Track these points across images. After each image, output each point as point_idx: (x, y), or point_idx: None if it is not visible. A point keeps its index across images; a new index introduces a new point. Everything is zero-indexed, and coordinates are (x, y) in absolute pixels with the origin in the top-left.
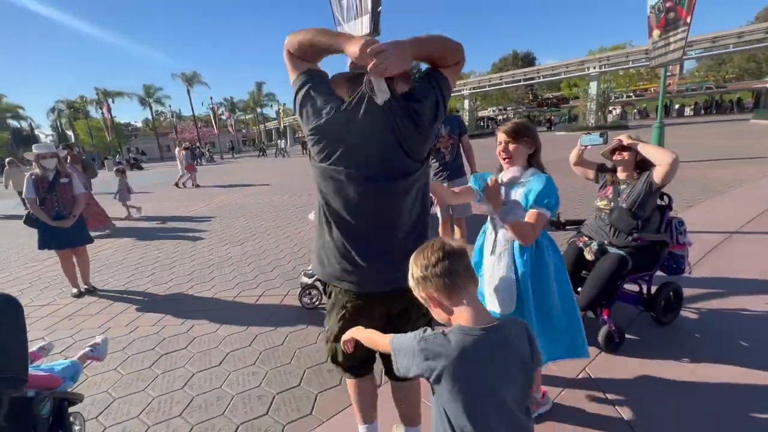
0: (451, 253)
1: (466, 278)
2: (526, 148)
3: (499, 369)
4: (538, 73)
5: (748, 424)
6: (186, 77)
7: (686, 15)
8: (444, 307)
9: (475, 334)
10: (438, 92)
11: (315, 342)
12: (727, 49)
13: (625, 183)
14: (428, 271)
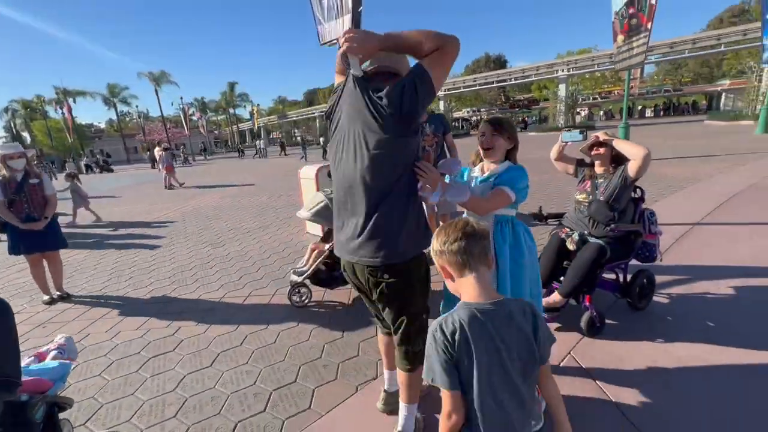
0: (471, 234)
1: (479, 259)
2: (506, 143)
3: (504, 342)
4: (509, 75)
5: (717, 393)
6: (153, 76)
7: (647, 21)
8: (454, 281)
9: (481, 308)
10: (408, 78)
11: (308, 339)
12: (683, 55)
13: (602, 177)
14: (445, 247)
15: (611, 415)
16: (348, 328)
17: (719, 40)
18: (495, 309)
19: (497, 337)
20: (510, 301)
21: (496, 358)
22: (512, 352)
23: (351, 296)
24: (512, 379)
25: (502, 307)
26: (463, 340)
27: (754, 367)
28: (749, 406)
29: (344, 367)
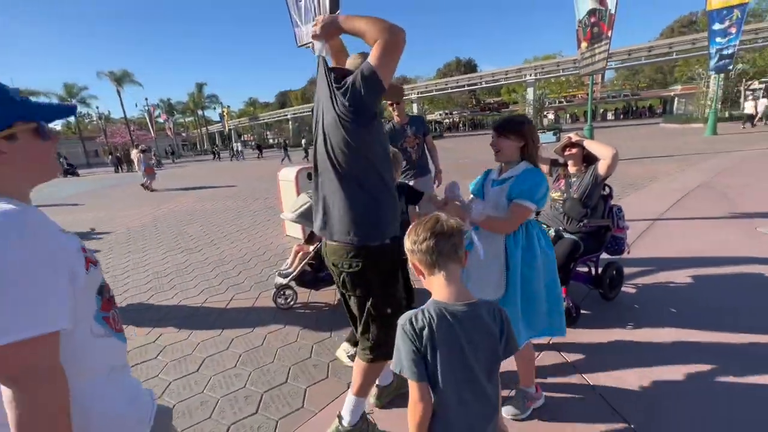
0: (440, 233)
1: (449, 257)
2: (515, 143)
3: (469, 342)
4: (480, 79)
5: (680, 370)
6: (115, 76)
7: (607, 29)
8: (425, 278)
9: (450, 308)
10: (355, 75)
11: (296, 340)
12: (640, 62)
13: (575, 176)
14: (415, 246)
15: (590, 398)
16: (336, 328)
17: (671, 48)
18: (464, 310)
19: (463, 337)
20: (481, 303)
21: (460, 357)
22: (478, 352)
23: (336, 296)
24: (476, 378)
25: (472, 309)
26: (430, 337)
27: (712, 345)
28: (708, 379)
29: (334, 365)
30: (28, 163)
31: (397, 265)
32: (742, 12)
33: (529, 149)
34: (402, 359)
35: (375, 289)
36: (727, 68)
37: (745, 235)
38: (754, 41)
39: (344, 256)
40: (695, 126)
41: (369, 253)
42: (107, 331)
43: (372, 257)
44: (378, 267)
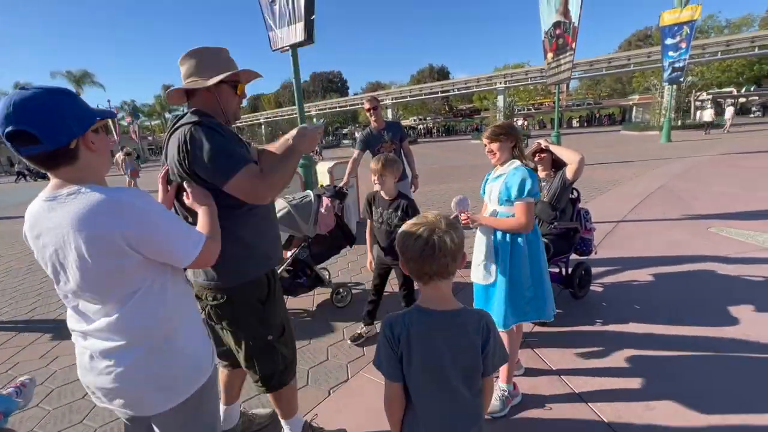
0: (429, 256)
1: (438, 276)
2: (507, 144)
3: (448, 348)
4: (453, 86)
5: (644, 362)
6: (73, 76)
7: (572, 41)
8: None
9: (432, 315)
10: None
11: None
12: (601, 72)
13: (545, 180)
14: (405, 255)
15: (563, 392)
16: (315, 334)
17: (629, 60)
18: (446, 318)
19: (443, 344)
20: (467, 312)
21: (436, 363)
22: (456, 359)
23: (315, 303)
24: (451, 384)
25: (455, 317)
26: (407, 342)
27: (674, 336)
28: (672, 367)
29: (314, 372)
30: (104, 153)
31: (273, 288)
32: (691, 28)
33: (519, 146)
34: (381, 358)
35: (248, 319)
36: (679, 80)
37: (698, 235)
38: (701, 56)
39: (207, 288)
40: (652, 133)
41: (233, 289)
42: (185, 278)
43: (238, 292)
44: (247, 299)
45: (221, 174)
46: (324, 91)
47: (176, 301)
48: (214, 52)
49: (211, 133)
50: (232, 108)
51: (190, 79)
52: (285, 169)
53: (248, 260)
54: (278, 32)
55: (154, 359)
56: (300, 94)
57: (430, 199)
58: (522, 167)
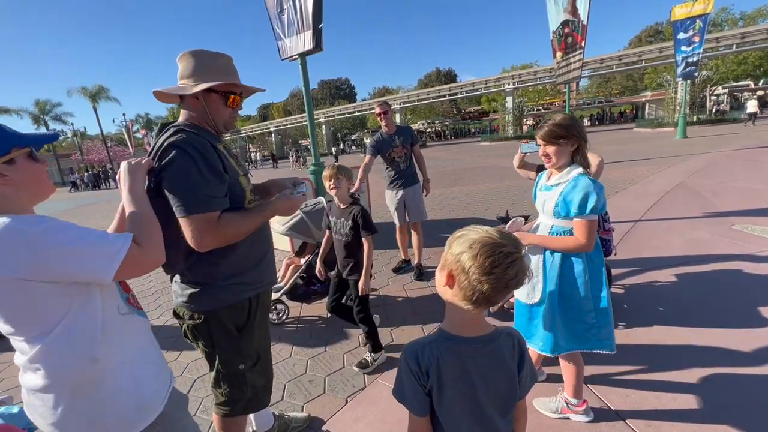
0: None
1: (492, 304)
2: (566, 147)
3: (484, 378)
4: (461, 88)
5: (672, 366)
6: (89, 92)
7: (581, 39)
8: (450, 293)
9: (464, 343)
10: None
11: (290, 355)
12: (611, 70)
13: None
14: (472, 277)
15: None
16: (330, 342)
17: (640, 56)
18: (481, 345)
19: (476, 374)
20: (500, 334)
21: (471, 395)
22: (491, 388)
23: None
24: (488, 415)
25: (490, 343)
26: (437, 376)
27: (696, 341)
28: (701, 373)
29: (331, 380)
30: (28, 183)
31: (253, 316)
32: (703, 22)
33: (582, 150)
34: (404, 392)
35: (222, 343)
36: (693, 75)
37: (721, 233)
38: (716, 49)
39: (184, 306)
40: (666, 130)
41: (210, 311)
42: (130, 309)
43: (214, 315)
44: (222, 324)
45: (177, 208)
46: (332, 97)
47: (110, 336)
48: (211, 57)
49: (189, 161)
50: (221, 118)
51: (181, 82)
52: (245, 225)
53: (228, 284)
54: (287, 41)
55: (79, 402)
56: (310, 101)
57: (441, 202)
58: (584, 177)
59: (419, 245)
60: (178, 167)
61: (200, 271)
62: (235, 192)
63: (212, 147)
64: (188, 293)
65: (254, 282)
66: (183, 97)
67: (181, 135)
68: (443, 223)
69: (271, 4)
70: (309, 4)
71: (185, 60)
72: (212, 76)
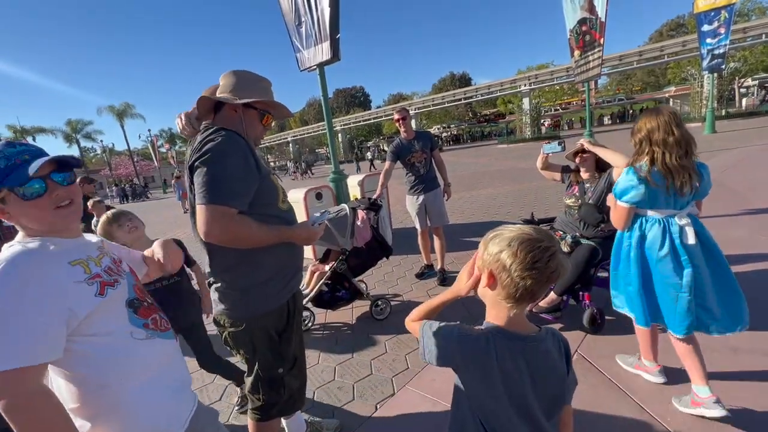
0: (547, 280)
1: (534, 299)
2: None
3: (534, 378)
4: (476, 91)
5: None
6: (116, 110)
7: (599, 37)
8: (490, 293)
9: (518, 341)
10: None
11: (317, 362)
12: (631, 66)
13: (589, 182)
14: (511, 270)
15: (626, 405)
16: (357, 348)
17: (662, 51)
18: (532, 344)
19: (527, 373)
20: (547, 335)
21: (520, 394)
22: (539, 388)
23: (354, 316)
24: (533, 414)
25: (541, 342)
26: (482, 365)
27: (741, 343)
28: (741, 377)
29: (360, 387)
30: (27, 219)
31: (292, 319)
32: (729, 13)
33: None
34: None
35: (263, 349)
36: (720, 67)
37: (762, 231)
38: (743, 40)
39: (225, 314)
40: (693, 125)
41: (252, 318)
42: (149, 333)
43: (256, 321)
44: (265, 330)
45: (200, 193)
46: (347, 106)
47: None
48: (255, 78)
49: (228, 151)
50: (254, 133)
51: (223, 95)
52: (257, 234)
53: (271, 288)
54: (305, 53)
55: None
56: (328, 110)
57: (461, 206)
58: (628, 168)
59: (442, 250)
60: (218, 152)
61: (242, 275)
62: (268, 188)
63: (249, 147)
64: (230, 300)
65: (294, 284)
66: (219, 108)
67: (227, 132)
68: (464, 227)
69: (290, 18)
70: (326, 16)
71: (231, 77)
72: (255, 94)
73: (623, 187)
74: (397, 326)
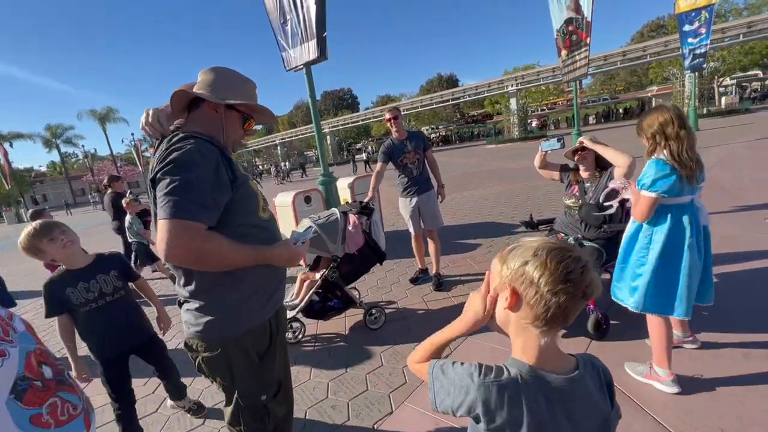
0: (583, 296)
1: (567, 323)
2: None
3: (573, 424)
4: (464, 92)
5: (724, 375)
6: (98, 114)
7: (586, 36)
8: (517, 318)
9: (552, 384)
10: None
11: (309, 378)
12: (615, 66)
13: (589, 181)
14: (540, 283)
15: (634, 412)
16: (351, 361)
17: (645, 51)
18: (568, 384)
19: (565, 420)
20: (586, 369)
21: None
22: None
23: (347, 325)
24: None
25: (579, 382)
26: (512, 418)
27: (744, 343)
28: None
29: (355, 405)
30: None
31: (275, 339)
32: (709, 13)
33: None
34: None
35: (243, 374)
36: (701, 66)
37: (753, 228)
38: (721, 40)
39: (198, 338)
40: None
41: (230, 340)
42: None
43: (235, 343)
44: (244, 352)
45: (161, 207)
46: (336, 108)
47: None
48: (241, 79)
49: (196, 161)
50: (233, 137)
51: (202, 91)
52: (230, 254)
53: (254, 303)
54: (291, 52)
55: None
56: (316, 111)
57: (453, 208)
58: (658, 161)
59: (437, 254)
60: (185, 161)
61: (222, 292)
62: (247, 195)
63: (224, 156)
64: (204, 321)
65: (277, 298)
66: (197, 106)
67: (196, 140)
68: (457, 228)
69: (275, 16)
70: (312, 14)
71: (212, 73)
72: (240, 96)
73: (654, 178)
74: (392, 336)
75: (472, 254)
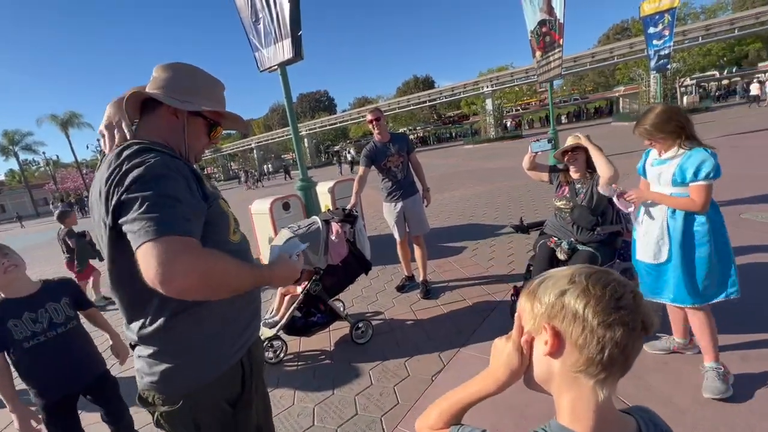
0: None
1: (625, 369)
2: (671, 136)
3: None
4: (440, 94)
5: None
6: (59, 120)
7: (559, 38)
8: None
9: None
10: None
11: (292, 404)
12: (585, 67)
13: (580, 182)
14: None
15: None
16: (338, 381)
17: (612, 53)
18: None
19: None
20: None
21: None
22: None
23: (332, 340)
24: None
25: None
26: None
27: (745, 343)
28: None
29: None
30: None
31: (249, 381)
32: (672, 16)
33: (687, 131)
34: None
35: (213, 428)
36: (666, 67)
37: (731, 224)
38: (682, 42)
39: (155, 390)
40: None
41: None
42: None
43: (200, 395)
44: (212, 403)
45: (139, 231)
46: (312, 110)
47: None
48: (208, 79)
49: (165, 174)
50: (197, 147)
51: (158, 91)
52: (234, 272)
53: (218, 344)
54: (264, 52)
55: None
56: (293, 113)
57: (435, 209)
58: (700, 150)
59: (423, 259)
60: (153, 176)
61: (179, 333)
62: (217, 215)
63: (189, 169)
64: (160, 370)
65: (250, 334)
66: (153, 108)
67: (153, 153)
68: (442, 231)
69: (246, 14)
70: (286, 12)
71: (172, 71)
72: (207, 100)
73: (715, 166)
74: (380, 350)
75: (459, 258)
